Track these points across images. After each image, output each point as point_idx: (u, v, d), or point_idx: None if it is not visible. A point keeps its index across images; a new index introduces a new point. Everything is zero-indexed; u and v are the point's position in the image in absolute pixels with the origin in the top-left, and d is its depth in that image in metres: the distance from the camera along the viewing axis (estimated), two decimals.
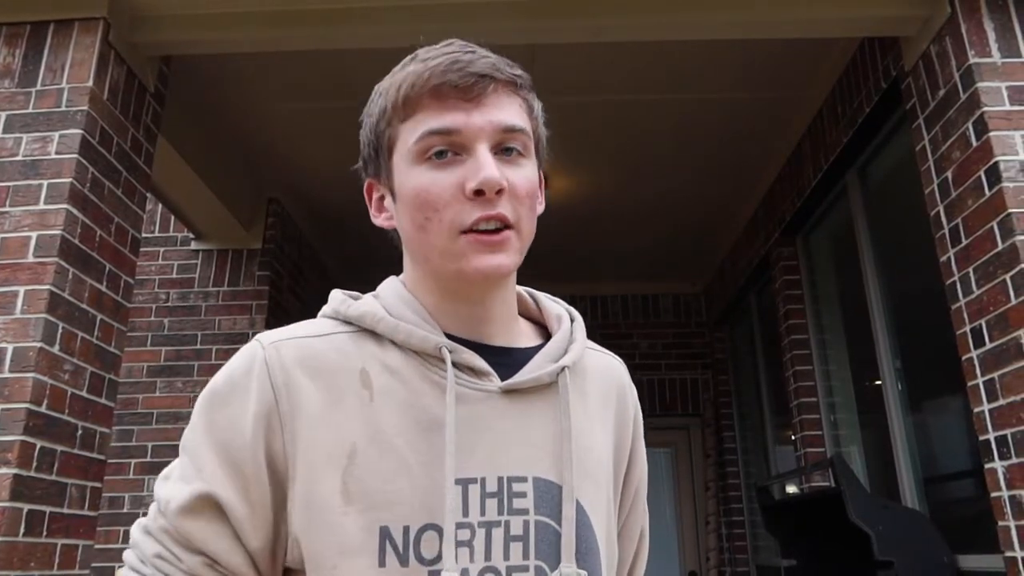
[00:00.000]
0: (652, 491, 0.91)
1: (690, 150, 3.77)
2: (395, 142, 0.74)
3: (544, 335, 0.83)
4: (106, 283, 2.38)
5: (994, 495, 2.09)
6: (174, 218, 3.92)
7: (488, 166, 0.69)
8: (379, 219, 0.80)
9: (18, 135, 2.26)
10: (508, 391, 0.74)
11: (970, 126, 2.20)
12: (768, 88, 3.30)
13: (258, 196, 4.05)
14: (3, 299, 2.10)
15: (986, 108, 2.15)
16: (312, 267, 4.64)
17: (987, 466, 2.12)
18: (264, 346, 0.72)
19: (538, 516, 0.70)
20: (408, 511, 0.67)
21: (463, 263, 0.71)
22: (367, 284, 0.84)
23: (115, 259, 2.43)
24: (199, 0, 2.49)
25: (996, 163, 2.10)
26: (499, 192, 0.70)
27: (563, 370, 0.76)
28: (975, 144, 2.18)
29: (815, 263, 3.89)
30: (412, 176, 0.72)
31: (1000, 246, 2.08)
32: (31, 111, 2.29)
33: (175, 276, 3.94)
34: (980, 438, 2.15)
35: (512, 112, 0.73)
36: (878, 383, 3.11)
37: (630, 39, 2.76)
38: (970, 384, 2.21)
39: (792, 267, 3.95)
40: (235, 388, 0.71)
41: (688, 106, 3.43)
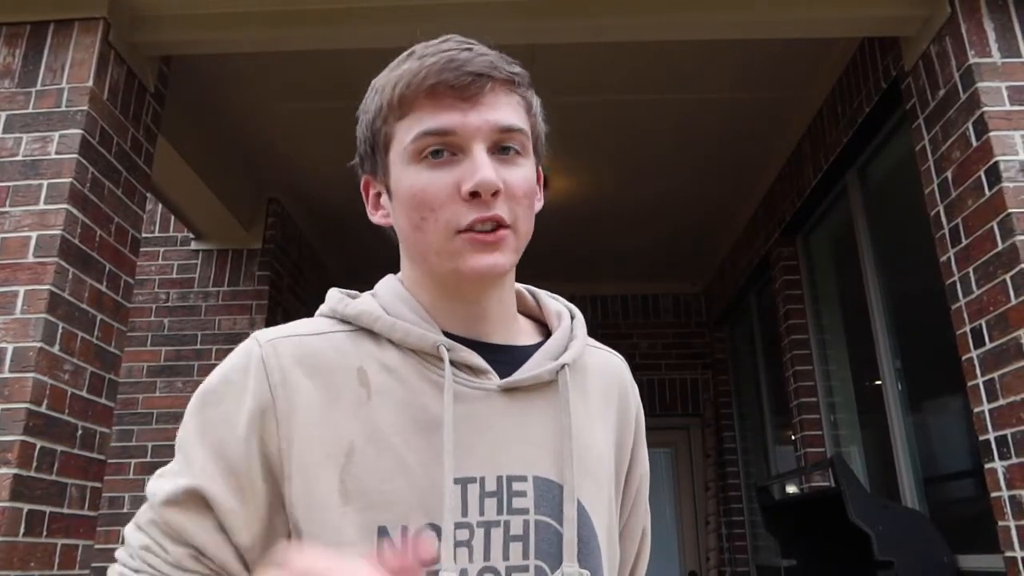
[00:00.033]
0: (652, 491, 0.90)
1: (690, 150, 3.77)
2: (391, 140, 0.73)
3: (544, 333, 0.82)
4: (106, 283, 2.38)
5: (994, 495, 2.09)
6: (174, 218, 3.92)
7: (484, 168, 0.68)
8: (376, 216, 0.79)
9: (18, 135, 2.26)
10: (507, 389, 0.73)
11: (970, 126, 2.20)
12: (768, 88, 3.30)
13: (258, 196, 4.05)
14: (3, 299, 2.10)
15: (986, 108, 2.15)
16: (312, 267, 4.64)
17: (987, 466, 2.12)
18: (261, 344, 0.72)
19: (538, 516, 0.69)
20: (406, 511, 0.66)
21: (459, 262, 0.70)
22: (367, 284, 0.83)
23: (115, 259, 2.43)
24: (199, 0, 2.49)
25: (996, 163, 2.10)
26: (495, 194, 0.69)
27: (563, 368, 0.75)
28: (975, 144, 2.18)
29: (815, 263, 3.89)
30: (408, 176, 0.71)
31: (1000, 246, 2.08)
32: (31, 111, 2.29)
33: (175, 276, 3.94)
34: (980, 438, 2.15)
35: (509, 111, 0.72)
36: (878, 383, 3.11)
37: (630, 39, 2.76)
38: (970, 384, 2.21)
39: (792, 267, 3.94)
40: (231, 385, 0.70)
41: (688, 106, 3.43)
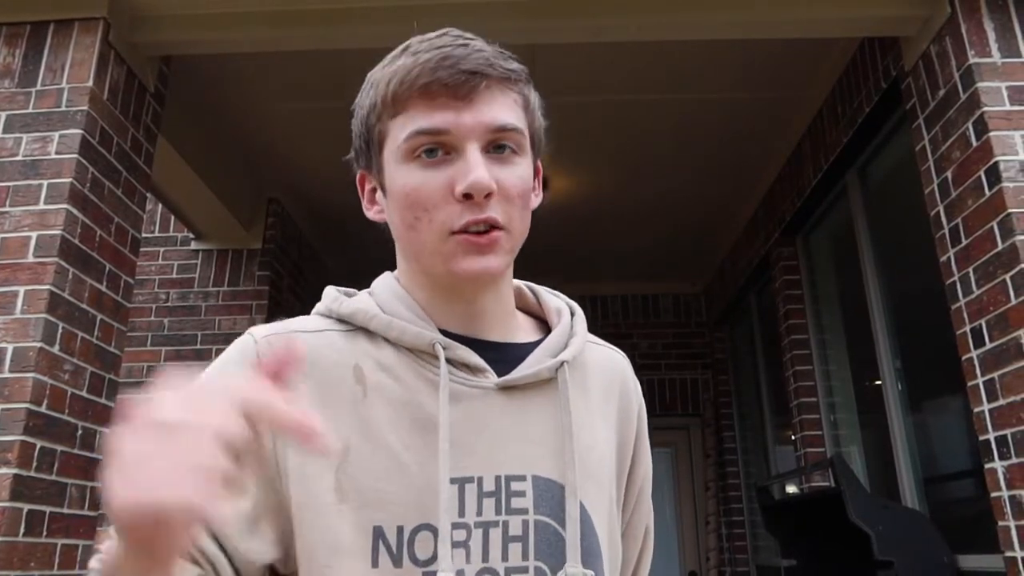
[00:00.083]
0: (652, 491, 0.88)
1: (690, 150, 3.77)
2: (385, 138, 0.72)
3: (544, 330, 0.81)
4: (106, 283, 2.38)
5: (994, 495, 2.09)
6: (174, 218, 3.92)
7: (477, 169, 0.67)
8: (371, 212, 0.78)
9: (18, 135, 2.26)
10: (505, 388, 0.72)
11: (970, 126, 2.20)
12: (768, 88, 3.30)
13: (258, 196, 4.05)
14: (3, 299, 2.10)
15: (986, 108, 2.15)
16: (312, 267, 4.64)
17: (987, 466, 2.12)
18: (256, 340, 0.71)
19: (537, 516, 0.68)
20: (402, 510, 0.65)
21: (452, 264, 0.69)
22: (368, 285, 0.82)
23: (115, 259, 2.43)
24: (199, 0, 2.49)
25: (996, 163, 2.10)
26: (488, 195, 0.67)
27: (562, 365, 0.74)
28: (975, 144, 2.18)
29: (815, 263, 3.89)
30: (402, 174, 0.70)
31: (1000, 246, 2.08)
32: (31, 111, 2.29)
33: (175, 276, 3.94)
34: (980, 438, 2.15)
35: (504, 109, 0.71)
36: (878, 383, 3.11)
37: (630, 39, 2.76)
38: (970, 384, 2.21)
39: (792, 267, 3.94)
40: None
41: (688, 106, 3.43)
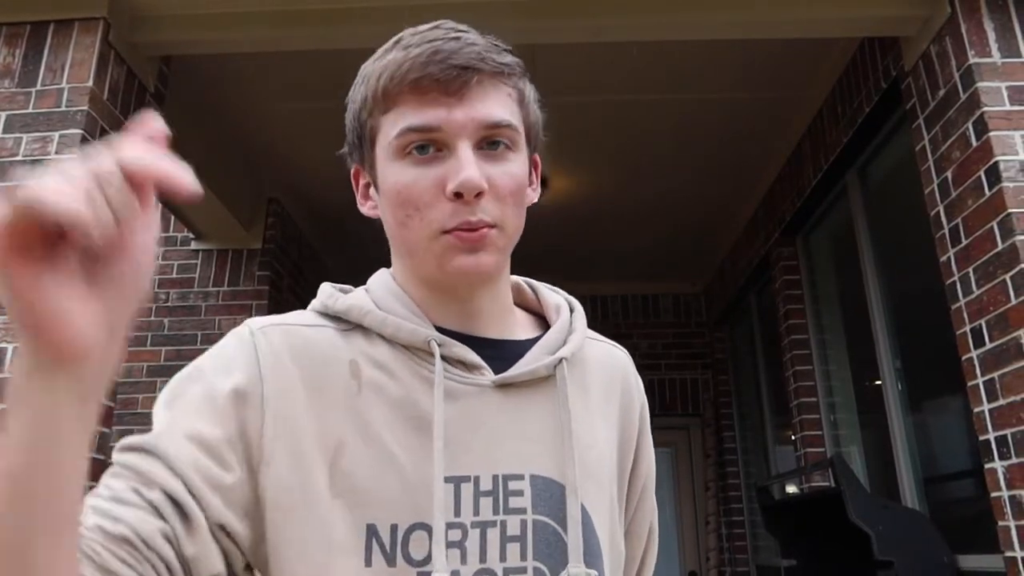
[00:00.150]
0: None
1: (690, 150, 3.77)
2: (377, 133, 0.71)
3: (544, 327, 0.80)
4: None
5: (994, 495, 2.09)
6: (174, 218, 3.92)
7: (468, 167, 0.66)
8: (365, 207, 0.77)
9: (18, 135, 2.26)
10: (502, 385, 0.71)
11: (970, 126, 2.20)
12: (768, 88, 3.29)
13: (258, 196, 4.04)
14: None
15: (986, 108, 2.15)
16: (312, 267, 4.64)
17: (987, 466, 2.12)
18: (253, 331, 0.69)
19: (536, 515, 0.67)
20: (396, 509, 0.64)
21: (444, 263, 0.68)
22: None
23: None
24: (199, 0, 2.49)
25: (996, 163, 2.10)
26: (480, 194, 0.66)
27: (561, 362, 0.73)
28: (975, 144, 2.18)
29: (815, 263, 3.89)
30: (393, 172, 0.69)
31: (1000, 246, 2.08)
32: (31, 111, 2.29)
33: (175, 276, 3.94)
34: (980, 438, 2.15)
35: (497, 105, 0.69)
36: (878, 383, 3.11)
37: (630, 39, 2.75)
38: (970, 384, 2.21)
39: (792, 267, 3.94)
40: (218, 366, 0.67)
41: (688, 106, 3.43)
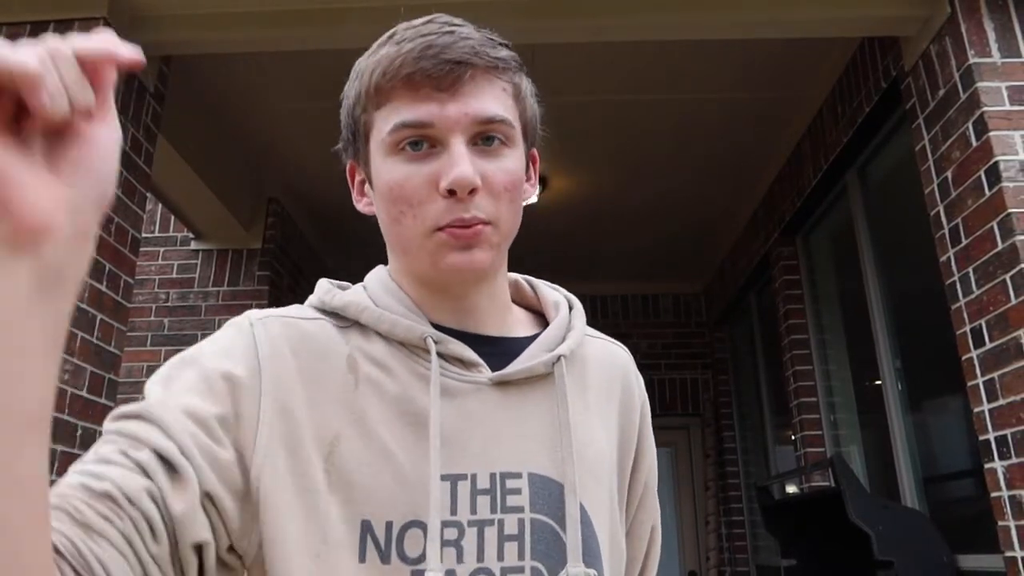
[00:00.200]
0: None
1: (690, 150, 3.77)
2: (370, 129, 0.71)
3: (542, 324, 0.79)
4: (106, 283, 2.38)
5: (994, 495, 2.09)
6: (174, 218, 3.92)
7: (460, 163, 0.65)
8: (360, 204, 0.77)
9: None
10: (500, 383, 0.70)
11: (970, 126, 2.20)
12: (768, 88, 3.30)
13: (258, 196, 4.05)
14: None
15: (986, 108, 2.15)
16: (312, 267, 4.64)
17: (987, 466, 2.12)
18: (252, 322, 0.69)
19: (534, 514, 0.66)
20: (391, 506, 0.63)
21: (437, 260, 0.68)
22: None
23: (115, 259, 2.42)
24: (199, 0, 2.49)
25: (996, 163, 2.10)
26: (473, 191, 0.66)
27: (559, 359, 0.72)
28: (975, 144, 2.18)
29: (815, 263, 3.89)
30: (386, 168, 0.69)
31: (1000, 246, 2.08)
32: None
33: (175, 276, 3.94)
34: (980, 438, 2.15)
35: (492, 100, 0.68)
36: (878, 383, 3.11)
37: (630, 39, 2.76)
38: (970, 384, 2.21)
39: (792, 267, 3.95)
40: (217, 352, 0.66)
41: (688, 106, 3.43)
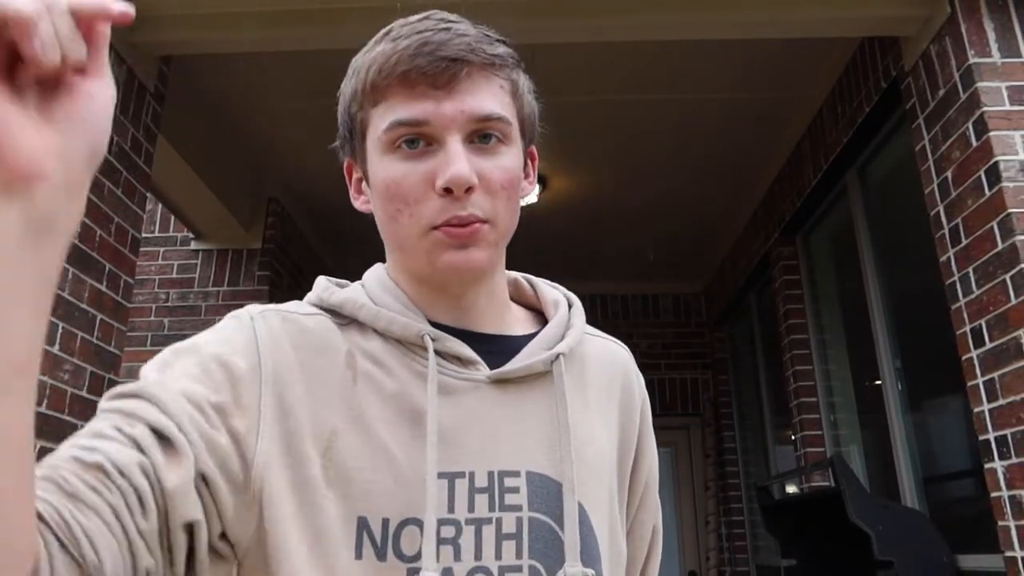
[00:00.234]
0: None
1: (690, 150, 3.77)
2: (367, 127, 0.71)
3: (542, 322, 0.79)
4: (106, 283, 2.38)
5: (994, 495, 2.09)
6: (174, 218, 3.92)
7: (457, 162, 0.65)
8: (358, 202, 0.77)
9: None
10: (498, 381, 0.70)
11: (970, 126, 2.20)
12: (768, 88, 3.29)
13: (258, 196, 4.04)
14: None
15: (986, 108, 2.15)
16: (312, 267, 4.64)
17: (987, 466, 2.12)
18: (253, 315, 0.69)
19: (532, 513, 0.66)
20: (388, 503, 0.63)
21: (433, 258, 0.67)
22: None
23: (115, 259, 2.42)
24: (199, 0, 2.49)
25: (996, 163, 2.10)
26: (469, 189, 0.65)
27: (558, 357, 0.72)
28: (975, 144, 2.18)
29: (815, 263, 3.89)
30: (383, 166, 0.68)
31: (1000, 246, 2.08)
32: None
33: (175, 276, 3.94)
34: (980, 438, 2.15)
35: (488, 97, 0.68)
36: (878, 383, 3.11)
37: (630, 39, 2.76)
38: (970, 384, 2.21)
39: (792, 267, 3.94)
40: (216, 342, 0.66)
41: (688, 106, 3.43)
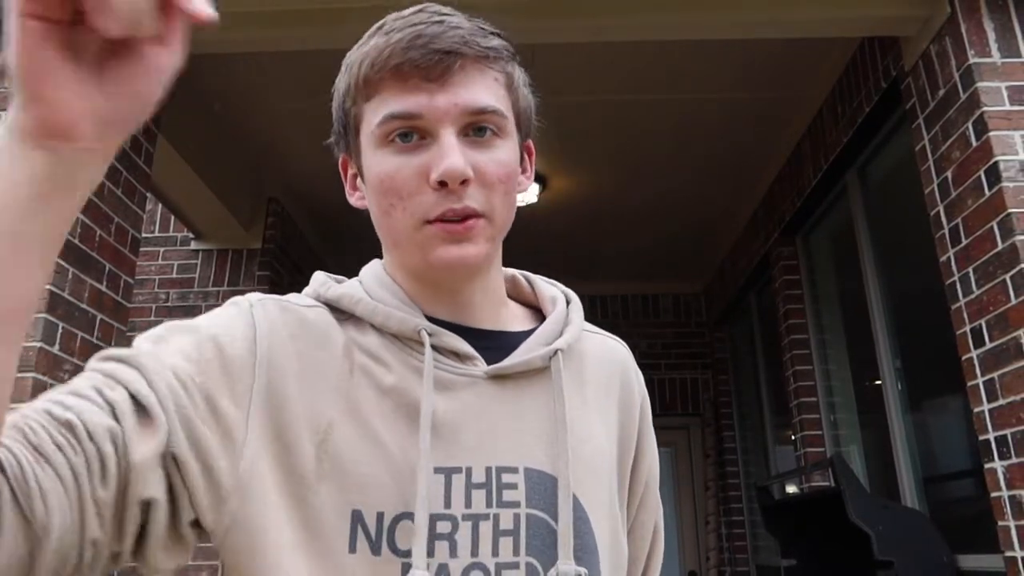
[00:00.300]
0: None
1: (690, 150, 3.77)
2: (360, 122, 0.70)
3: (539, 319, 0.78)
4: (106, 283, 2.38)
5: (994, 495, 2.09)
6: (174, 218, 3.91)
7: (451, 155, 0.64)
8: (353, 198, 0.76)
9: None
10: (496, 376, 0.69)
11: (970, 126, 2.20)
12: (768, 88, 3.29)
13: (258, 196, 4.04)
14: None
15: (986, 108, 2.15)
16: (312, 267, 4.56)
17: (987, 466, 2.12)
18: (252, 303, 0.68)
19: (529, 509, 0.65)
20: (383, 497, 0.62)
21: (428, 253, 0.67)
22: None
23: (115, 259, 2.42)
24: None
25: (996, 163, 2.10)
26: (464, 182, 0.65)
27: (556, 353, 0.72)
28: (975, 144, 2.18)
29: (815, 263, 3.89)
30: (376, 160, 0.68)
31: (1000, 246, 2.08)
32: None
33: (175, 276, 3.94)
34: (980, 438, 2.15)
35: (482, 90, 0.67)
36: (878, 383, 3.11)
37: (630, 39, 2.75)
38: (970, 384, 2.21)
39: (792, 267, 3.94)
40: (214, 325, 0.65)
41: (688, 106, 3.43)
